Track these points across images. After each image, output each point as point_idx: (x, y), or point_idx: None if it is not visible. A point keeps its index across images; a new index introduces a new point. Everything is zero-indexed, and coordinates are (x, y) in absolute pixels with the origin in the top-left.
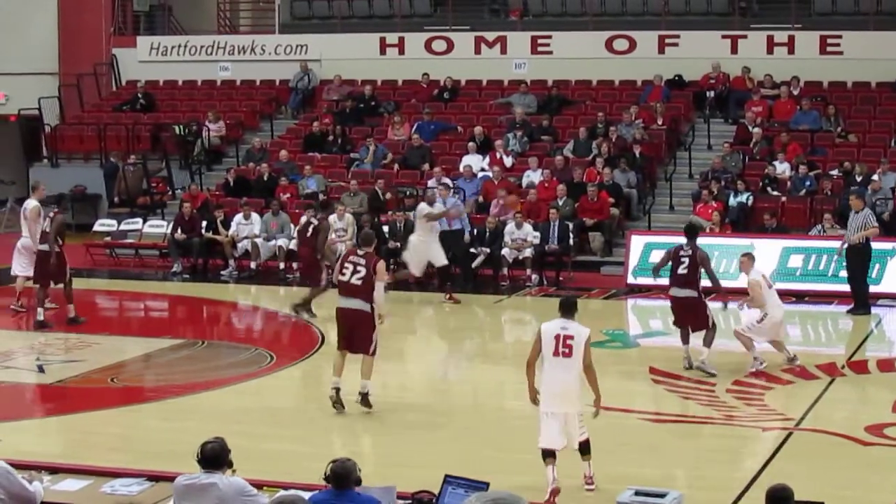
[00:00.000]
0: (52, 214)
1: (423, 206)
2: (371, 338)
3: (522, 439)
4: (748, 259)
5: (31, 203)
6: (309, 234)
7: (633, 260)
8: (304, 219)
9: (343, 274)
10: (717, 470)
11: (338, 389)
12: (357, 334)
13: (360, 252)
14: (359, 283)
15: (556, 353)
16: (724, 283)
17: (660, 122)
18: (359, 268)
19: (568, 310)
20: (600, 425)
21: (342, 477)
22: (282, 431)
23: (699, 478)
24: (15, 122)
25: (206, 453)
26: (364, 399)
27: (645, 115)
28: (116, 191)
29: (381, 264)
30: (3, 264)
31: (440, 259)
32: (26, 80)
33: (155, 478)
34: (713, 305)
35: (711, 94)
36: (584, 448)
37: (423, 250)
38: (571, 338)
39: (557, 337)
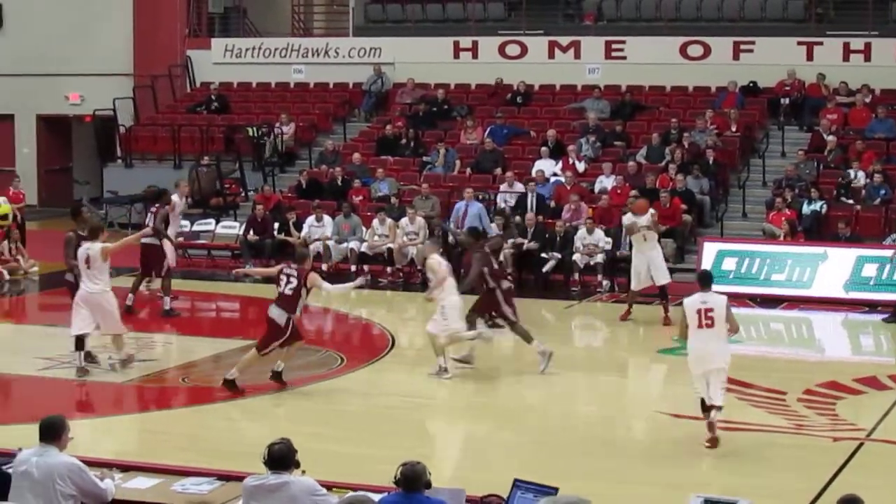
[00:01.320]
0: (153, 210)
1: (627, 217)
2: (269, 344)
3: (591, 444)
4: (431, 245)
5: (174, 198)
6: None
7: (705, 267)
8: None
9: (279, 284)
10: (786, 479)
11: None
12: (267, 334)
13: (293, 265)
14: (290, 293)
15: (700, 326)
16: (796, 292)
17: (734, 128)
18: (291, 279)
19: (705, 282)
20: (671, 434)
21: (412, 480)
22: (351, 434)
23: (768, 486)
24: (90, 122)
25: (274, 454)
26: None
27: (719, 122)
28: (189, 192)
29: (312, 275)
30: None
31: (661, 277)
32: (101, 81)
33: (225, 477)
34: None
35: (786, 101)
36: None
37: (639, 263)
38: (711, 310)
39: (699, 311)
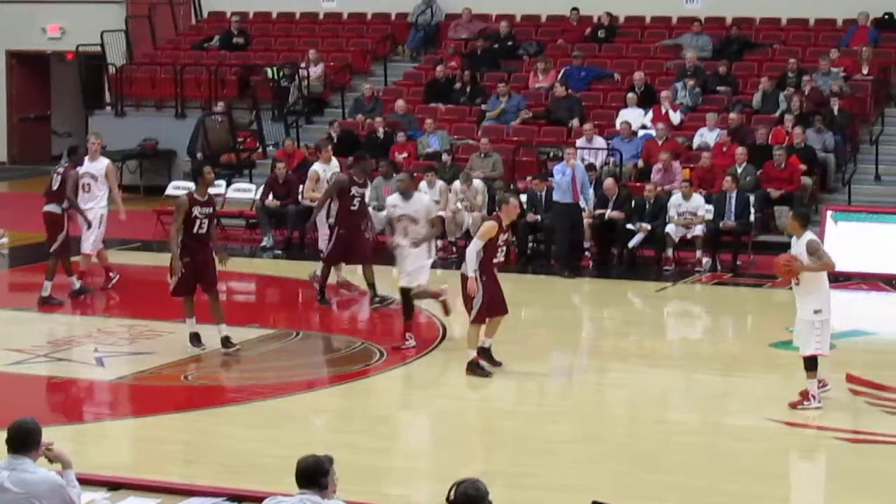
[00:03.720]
0: (60, 171)
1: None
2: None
3: (687, 459)
4: None
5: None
6: None
7: (830, 241)
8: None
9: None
10: None
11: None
12: None
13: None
14: None
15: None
16: None
17: (865, 70)
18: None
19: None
20: (787, 445)
21: (474, 501)
22: (394, 444)
23: None
24: (72, 60)
25: (304, 469)
26: None
27: (847, 63)
28: (199, 146)
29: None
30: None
31: (404, 278)
32: (87, 10)
33: (237, 497)
34: None
35: None
36: None
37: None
38: None
39: None
